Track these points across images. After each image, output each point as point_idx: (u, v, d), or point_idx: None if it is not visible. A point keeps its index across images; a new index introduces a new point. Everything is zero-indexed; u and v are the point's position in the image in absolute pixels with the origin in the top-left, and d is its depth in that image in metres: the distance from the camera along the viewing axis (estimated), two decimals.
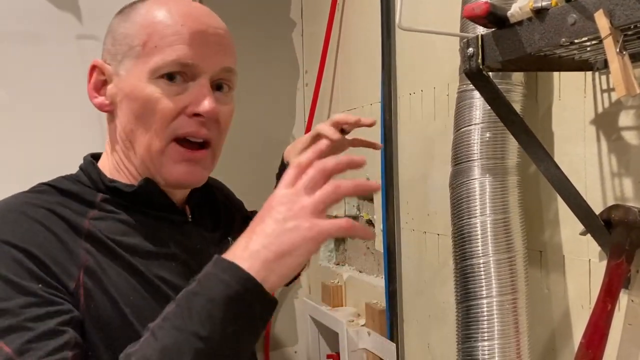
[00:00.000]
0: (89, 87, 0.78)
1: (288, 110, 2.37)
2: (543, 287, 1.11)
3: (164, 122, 0.73)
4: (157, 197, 0.77)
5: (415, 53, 1.52)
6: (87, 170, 0.78)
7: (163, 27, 0.73)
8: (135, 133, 0.74)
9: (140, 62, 0.73)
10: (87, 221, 0.71)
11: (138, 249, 0.73)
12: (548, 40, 0.72)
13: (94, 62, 0.77)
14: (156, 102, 0.73)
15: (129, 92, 0.74)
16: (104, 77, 0.77)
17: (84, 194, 0.75)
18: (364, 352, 1.77)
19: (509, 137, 1.02)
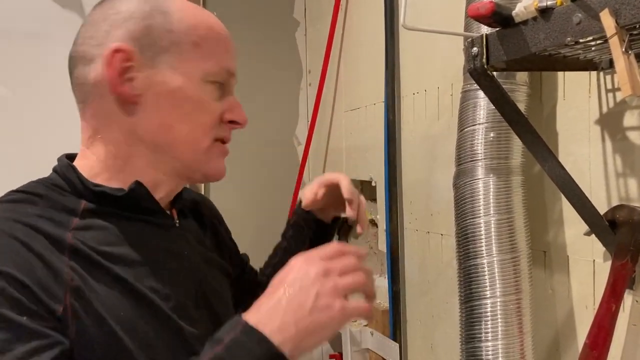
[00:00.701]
0: (113, 73, 0.69)
1: (291, 110, 2.37)
2: (547, 287, 1.11)
3: (212, 124, 0.75)
4: (146, 201, 0.73)
5: (419, 53, 1.52)
6: (65, 174, 0.72)
7: (213, 34, 0.75)
8: (175, 130, 0.73)
9: (189, 62, 0.72)
10: (69, 234, 0.66)
11: (126, 259, 0.69)
12: (553, 40, 0.72)
13: (119, 46, 0.69)
14: (208, 104, 0.74)
15: (176, 88, 0.72)
16: (128, 64, 0.70)
17: (64, 201, 0.69)
18: (367, 352, 1.77)
19: (513, 136, 1.02)
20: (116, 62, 0.69)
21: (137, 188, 0.72)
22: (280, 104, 2.35)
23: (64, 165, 0.73)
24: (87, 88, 0.72)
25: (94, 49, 0.71)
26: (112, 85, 0.69)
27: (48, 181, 0.72)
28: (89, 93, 0.72)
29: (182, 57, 0.72)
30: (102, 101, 0.71)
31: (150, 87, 0.71)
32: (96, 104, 0.72)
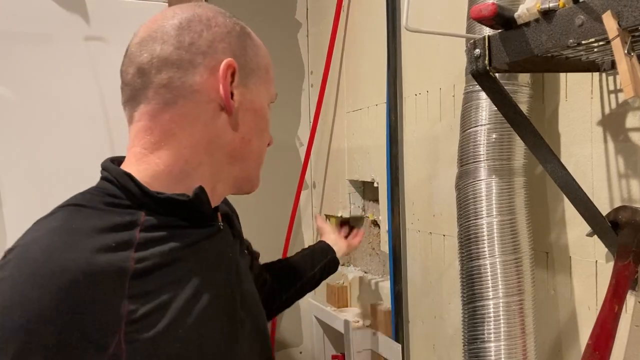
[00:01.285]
0: (226, 83, 0.74)
1: (293, 111, 2.38)
2: (549, 288, 1.11)
3: (267, 142, 0.85)
4: (205, 207, 0.75)
5: (421, 54, 1.52)
6: (122, 183, 0.71)
7: (272, 64, 0.85)
8: (252, 143, 0.79)
9: (264, 85, 0.81)
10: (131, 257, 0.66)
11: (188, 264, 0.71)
12: (555, 42, 0.72)
13: (231, 62, 0.74)
14: (268, 125, 0.84)
15: (258, 107, 0.80)
16: (231, 80, 0.75)
17: (122, 214, 0.69)
18: (369, 352, 1.77)
19: (516, 138, 1.02)
20: (228, 76, 0.74)
21: (200, 194, 0.73)
22: (283, 105, 2.35)
23: (120, 174, 0.71)
24: (180, 92, 0.72)
25: (195, 56, 0.73)
26: (225, 96, 0.73)
27: (102, 191, 0.71)
28: (180, 97, 0.72)
29: (261, 80, 0.80)
30: (196, 107, 0.73)
31: (242, 103, 0.76)
32: (186, 109, 0.73)
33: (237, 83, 0.75)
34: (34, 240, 0.64)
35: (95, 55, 1.32)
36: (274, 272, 1.25)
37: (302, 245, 2.33)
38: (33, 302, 0.59)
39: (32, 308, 0.59)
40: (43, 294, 0.59)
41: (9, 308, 0.59)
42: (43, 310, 0.59)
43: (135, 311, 0.63)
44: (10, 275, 0.61)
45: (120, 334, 0.62)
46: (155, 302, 0.65)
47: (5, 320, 0.58)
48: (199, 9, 0.76)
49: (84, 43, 1.32)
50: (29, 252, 0.63)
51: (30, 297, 0.59)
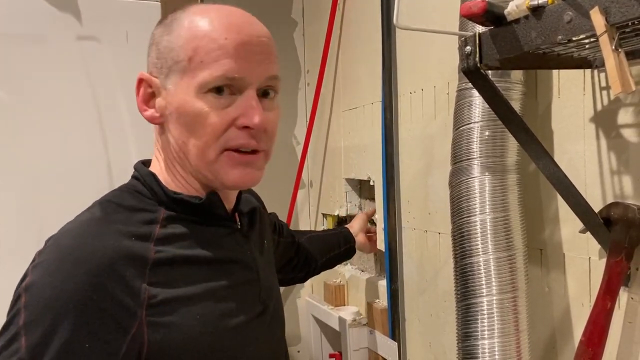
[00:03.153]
0: (139, 100, 0.78)
1: (289, 110, 2.37)
2: (543, 285, 1.11)
3: (214, 135, 0.76)
4: (218, 209, 0.80)
5: (416, 52, 1.52)
6: (148, 183, 0.79)
7: (207, 42, 0.75)
8: (188, 145, 0.77)
9: (187, 76, 0.75)
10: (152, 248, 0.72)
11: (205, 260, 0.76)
12: (545, 38, 0.72)
13: (140, 75, 0.78)
14: (206, 117, 0.75)
15: (178, 106, 0.76)
16: (151, 90, 0.78)
17: (147, 208, 0.76)
18: (366, 351, 1.77)
19: (509, 135, 1.02)
20: (141, 90, 0.78)
21: (212, 197, 0.79)
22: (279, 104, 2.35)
23: (146, 173, 0.80)
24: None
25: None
26: (140, 111, 0.78)
27: (131, 188, 0.79)
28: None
29: (182, 74, 0.75)
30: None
31: (166, 108, 0.77)
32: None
33: (156, 91, 0.78)
34: (68, 230, 0.72)
35: (88, 55, 1.32)
36: (309, 240, 1.41)
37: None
38: (61, 284, 0.65)
39: (60, 289, 0.65)
40: (71, 276, 0.66)
41: (38, 289, 0.65)
42: (70, 292, 0.65)
43: (155, 296, 0.69)
44: (45, 260, 0.68)
45: (141, 316, 0.68)
46: (176, 291, 0.71)
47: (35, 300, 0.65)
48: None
49: (77, 43, 1.32)
50: (63, 239, 0.71)
51: (59, 278, 0.66)
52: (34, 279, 0.67)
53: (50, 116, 1.29)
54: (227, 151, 0.77)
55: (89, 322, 0.65)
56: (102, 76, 1.34)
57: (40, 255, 0.70)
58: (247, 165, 0.79)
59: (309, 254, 1.40)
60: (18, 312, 0.65)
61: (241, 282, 0.82)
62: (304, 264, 1.39)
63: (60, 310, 0.64)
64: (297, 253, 1.37)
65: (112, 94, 0.70)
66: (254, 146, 0.79)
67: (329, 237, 1.52)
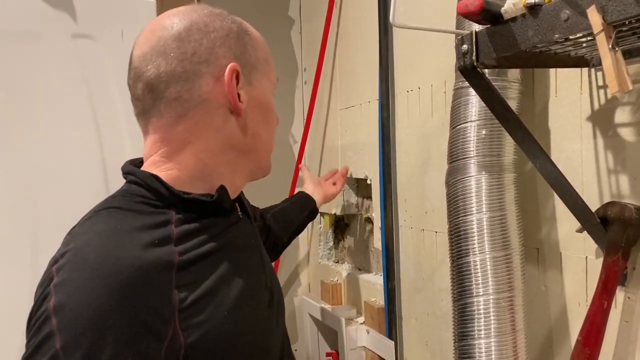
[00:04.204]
0: (232, 89, 0.76)
1: (287, 108, 2.37)
2: (540, 284, 1.11)
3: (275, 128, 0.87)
4: (227, 203, 0.80)
5: (413, 50, 1.52)
6: (151, 185, 0.75)
7: (268, 50, 0.86)
8: (263, 137, 0.83)
9: (266, 76, 0.83)
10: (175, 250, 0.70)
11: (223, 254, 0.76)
12: (542, 37, 0.72)
13: (235, 66, 0.77)
14: (273, 111, 0.86)
15: (263, 101, 0.82)
16: (236, 82, 0.78)
17: (157, 211, 0.74)
18: (363, 350, 1.77)
19: (505, 134, 1.01)
20: (233, 80, 0.76)
21: (223, 194, 0.78)
22: (276, 102, 2.34)
23: (147, 176, 0.76)
24: (190, 103, 0.75)
25: (199, 66, 0.75)
26: (233, 101, 0.76)
27: (133, 193, 0.75)
28: (191, 108, 0.75)
29: (262, 73, 0.82)
30: (207, 115, 0.76)
31: (249, 102, 0.79)
32: (198, 118, 0.76)
33: (242, 84, 0.78)
34: (86, 243, 0.68)
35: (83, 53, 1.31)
36: (274, 219, 1.44)
37: (297, 245, 2.33)
38: (95, 301, 0.63)
39: (96, 307, 0.63)
40: (105, 293, 0.63)
41: (71, 309, 0.62)
42: (106, 309, 0.63)
43: (184, 299, 0.68)
44: (70, 278, 0.65)
45: (175, 321, 0.66)
46: (201, 289, 0.70)
47: (70, 321, 0.62)
48: (195, 15, 0.78)
49: (72, 41, 1.31)
50: (84, 254, 0.67)
51: (92, 296, 0.63)
52: (63, 299, 0.63)
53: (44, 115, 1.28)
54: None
55: (129, 338, 0.63)
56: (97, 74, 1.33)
57: (61, 272, 0.66)
58: None
59: (274, 235, 1.43)
60: (51, 335, 0.62)
61: (254, 270, 0.83)
62: (273, 245, 1.43)
63: (99, 329, 0.62)
64: (267, 236, 1.41)
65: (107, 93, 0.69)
66: None
67: (290, 208, 1.53)
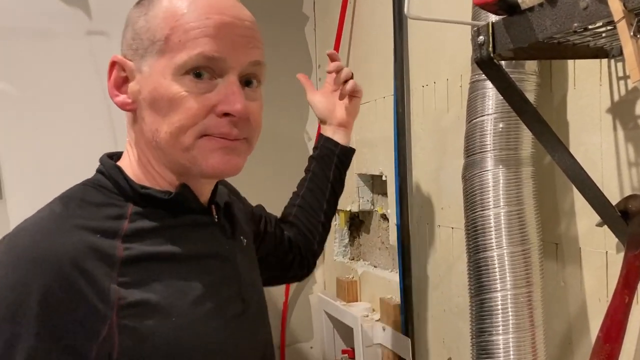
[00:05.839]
0: (110, 84, 0.72)
1: (301, 106, 2.36)
2: (559, 280, 1.09)
3: (191, 121, 0.70)
4: (191, 202, 0.74)
5: (428, 45, 1.50)
6: (113, 176, 0.72)
7: (187, 21, 0.69)
8: (160, 132, 0.70)
9: (163, 58, 0.69)
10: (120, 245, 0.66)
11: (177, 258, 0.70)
12: (560, 26, 0.70)
13: (113, 58, 0.71)
14: (182, 101, 0.69)
15: (153, 89, 0.69)
16: (124, 74, 0.72)
17: (112, 205, 0.70)
18: (378, 347, 1.76)
19: (523, 127, 1.00)
20: (113, 74, 0.72)
21: (183, 191, 0.73)
22: (291, 100, 2.34)
23: (111, 166, 0.73)
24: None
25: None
26: (111, 97, 0.72)
27: (95, 183, 0.73)
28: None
29: (159, 55, 0.69)
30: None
31: (139, 92, 0.71)
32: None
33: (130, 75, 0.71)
34: (23, 228, 0.65)
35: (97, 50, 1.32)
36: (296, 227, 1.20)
37: None
38: (18, 288, 0.59)
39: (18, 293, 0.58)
40: (32, 277, 0.59)
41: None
42: (30, 296, 0.58)
43: (125, 298, 0.63)
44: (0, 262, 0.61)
45: (111, 320, 0.61)
46: (147, 292, 0.65)
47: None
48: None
49: (86, 38, 1.32)
50: (17, 239, 0.64)
51: (16, 282, 0.59)
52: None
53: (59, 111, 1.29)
54: (205, 136, 0.71)
55: (55, 327, 0.59)
56: None
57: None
58: (228, 150, 0.72)
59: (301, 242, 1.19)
60: None
61: (220, 280, 0.75)
62: (301, 261, 1.19)
63: (21, 315, 0.57)
64: (291, 248, 1.18)
65: None
66: (236, 135, 0.72)
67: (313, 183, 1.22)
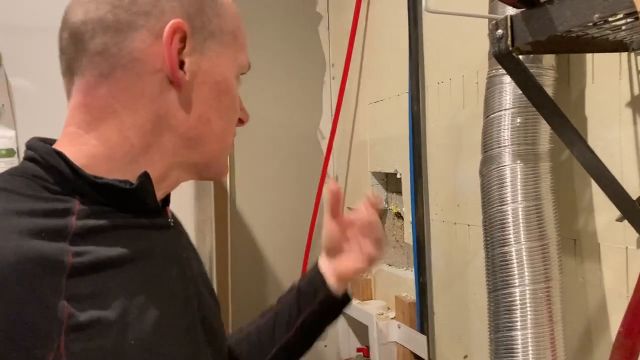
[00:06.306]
0: (172, 50, 0.59)
1: (315, 104, 2.37)
2: (578, 276, 1.08)
3: (236, 122, 0.69)
4: (149, 198, 0.62)
5: (443, 41, 1.50)
6: (52, 164, 0.57)
7: (243, 27, 0.68)
8: (214, 125, 0.65)
9: (229, 52, 0.66)
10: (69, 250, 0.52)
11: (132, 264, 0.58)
12: (580, 18, 0.70)
13: (178, 23, 0.60)
14: (237, 102, 0.68)
15: (220, 79, 0.65)
16: (181, 46, 0.61)
17: (54, 197, 0.56)
18: (394, 345, 1.76)
19: (541, 122, 0.99)
20: (174, 42, 0.60)
21: (146, 181, 0.61)
22: (304, 99, 2.35)
23: (48, 152, 0.58)
24: (117, 61, 0.59)
25: (136, 17, 0.59)
26: (170, 66, 0.60)
27: (25, 172, 0.57)
28: (118, 67, 0.59)
29: (224, 47, 0.65)
30: (138, 79, 0.60)
31: (196, 74, 0.62)
32: (126, 81, 0.60)
33: (189, 50, 0.61)
34: None
35: None
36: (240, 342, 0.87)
37: None
38: None
39: None
40: None
41: None
42: None
43: (75, 316, 0.51)
44: None
45: (59, 342, 0.50)
46: (102, 307, 0.53)
47: None
48: None
49: None
50: None
51: None
52: None
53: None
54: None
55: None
56: None
57: None
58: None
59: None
60: None
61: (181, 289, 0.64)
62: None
63: None
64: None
65: None
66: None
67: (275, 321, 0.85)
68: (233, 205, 2.17)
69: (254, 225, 2.21)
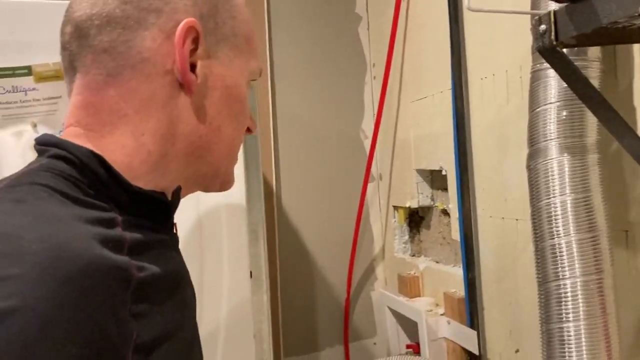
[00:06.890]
0: (183, 51, 0.56)
1: (356, 105, 2.39)
2: (630, 268, 1.07)
3: (244, 130, 0.67)
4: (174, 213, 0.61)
5: (485, 36, 1.50)
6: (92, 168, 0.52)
7: (254, 32, 0.67)
8: (224, 132, 0.62)
9: (242, 57, 0.63)
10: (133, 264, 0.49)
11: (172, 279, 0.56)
12: (626, 10, 0.70)
13: (191, 22, 0.56)
14: (247, 108, 0.65)
15: (232, 85, 0.62)
16: (193, 47, 0.58)
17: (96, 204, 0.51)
18: (443, 340, 1.77)
19: (587, 114, 0.99)
20: (188, 41, 0.57)
21: (179, 196, 0.59)
22: (346, 99, 2.38)
23: (85, 154, 0.53)
24: (124, 60, 0.56)
25: (147, 14, 0.56)
26: (181, 68, 0.56)
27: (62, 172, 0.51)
28: (127, 67, 0.56)
29: (237, 51, 0.62)
30: (147, 81, 0.56)
31: (208, 77, 0.59)
32: (134, 83, 0.56)
33: (201, 52, 0.58)
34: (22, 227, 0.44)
35: None
36: None
37: (371, 239, 2.34)
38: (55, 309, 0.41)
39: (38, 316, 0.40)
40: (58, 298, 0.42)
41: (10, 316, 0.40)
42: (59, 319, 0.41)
43: (140, 336, 0.47)
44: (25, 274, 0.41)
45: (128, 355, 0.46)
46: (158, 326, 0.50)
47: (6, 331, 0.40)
48: None
49: None
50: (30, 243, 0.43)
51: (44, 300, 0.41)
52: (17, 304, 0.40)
53: None
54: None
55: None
56: None
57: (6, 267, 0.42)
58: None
59: None
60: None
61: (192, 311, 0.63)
62: None
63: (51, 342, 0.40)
64: None
65: None
66: None
67: None
68: (280, 206, 2.22)
69: (300, 225, 2.24)
